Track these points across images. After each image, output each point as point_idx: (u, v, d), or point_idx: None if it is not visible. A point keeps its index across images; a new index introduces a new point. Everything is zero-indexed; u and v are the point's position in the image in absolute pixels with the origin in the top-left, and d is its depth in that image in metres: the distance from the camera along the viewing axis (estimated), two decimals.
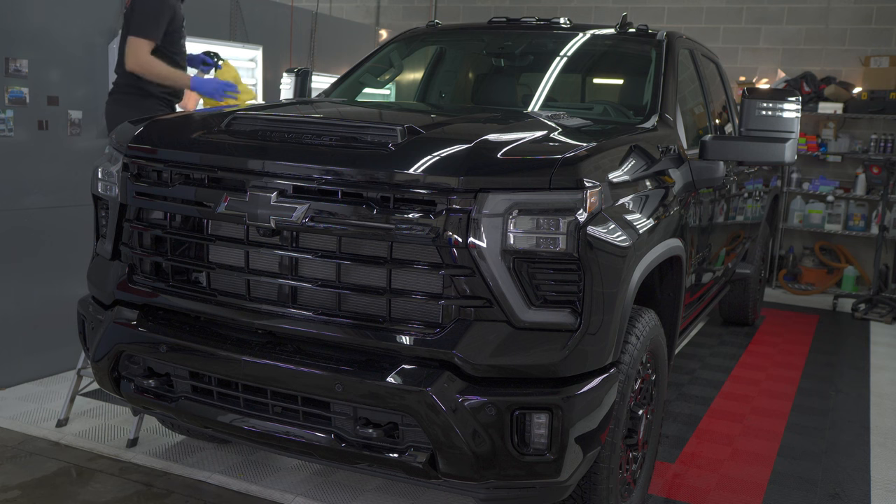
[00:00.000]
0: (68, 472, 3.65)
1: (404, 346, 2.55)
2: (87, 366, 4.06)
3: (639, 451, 3.22)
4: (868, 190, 8.26)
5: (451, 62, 5.17)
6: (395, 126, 2.73)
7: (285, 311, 2.71)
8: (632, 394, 2.97)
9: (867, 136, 8.33)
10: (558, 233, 2.48)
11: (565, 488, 2.72)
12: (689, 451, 4.23)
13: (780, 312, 7.72)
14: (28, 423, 4.10)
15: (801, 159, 8.48)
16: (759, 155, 3.57)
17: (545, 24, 4.59)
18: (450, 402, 2.45)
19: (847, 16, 8.42)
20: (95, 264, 3.19)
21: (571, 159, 2.60)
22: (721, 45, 8.71)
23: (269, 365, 2.66)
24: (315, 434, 2.64)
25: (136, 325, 2.92)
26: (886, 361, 6.16)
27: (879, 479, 4.03)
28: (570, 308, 2.52)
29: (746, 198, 5.36)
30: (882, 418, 4.88)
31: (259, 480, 3.64)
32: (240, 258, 2.78)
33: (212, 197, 2.74)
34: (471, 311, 2.50)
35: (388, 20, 10.16)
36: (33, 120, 4.53)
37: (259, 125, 2.93)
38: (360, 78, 4.66)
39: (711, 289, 4.86)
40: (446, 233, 2.47)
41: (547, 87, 4.29)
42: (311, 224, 2.58)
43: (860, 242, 8.49)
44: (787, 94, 3.55)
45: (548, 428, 2.49)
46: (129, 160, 2.99)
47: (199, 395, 2.86)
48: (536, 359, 2.52)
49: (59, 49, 4.64)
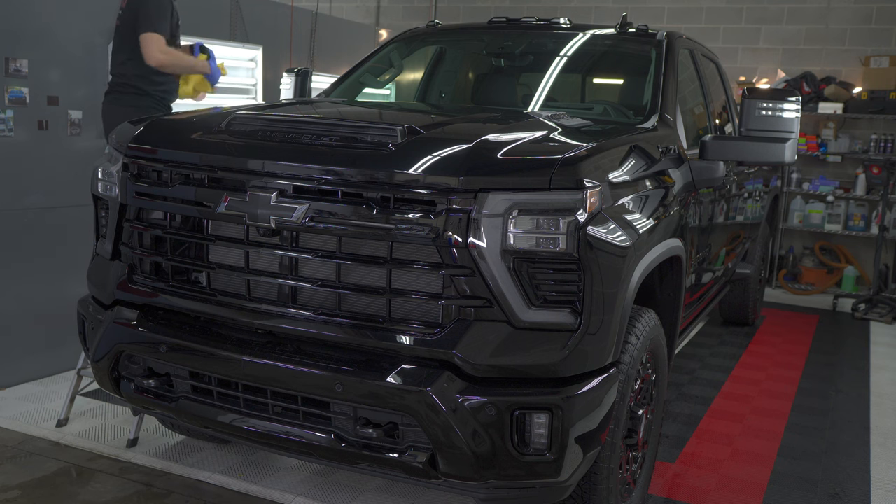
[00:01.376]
0: (68, 472, 3.65)
1: (404, 346, 2.55)
2: (87, 366, 4.06)
3: (639, 451, 3.22)
4: (868, 190, 8.26)
5: (451, 62, 5.17)
6: (395, 126, 2.73)
7: (285, 311, 2.71)
8: (632, 394, 2.97)
9: (867, 136, 8.34)
10: (558, 233, 2.48)
11: (565, 488, 2.72)
12: (689, 451, 4.23)
13: (780, 312, 7.72)
14: (28, 423, 4.10)
15: (801, 159, 8.48)
16: (759, 155, 3.57)
17: (545, 24, 4.59)
18: (450, 402, 2.45)
19: (847, 16, 8.42)
20: (95, 264, 3.19)
21: (571, 159, 2.60)
22: (721, 45, 8.71)
23: (269, 365, 2.66)
24: (315, 434, 2.64)
25: (136, 325, 2.92)
26: (886, 361, 6.16)
27: (879, 479, 4.03)
28: (570, 308, 2.52)
29: (746, 198, 5.36)
30: (882, 418, 4.88)
31: (259, 480, 3.64)
32: (240, 258, 2.78)
33: (212, 197, 2.74)
34: (471, 311, 2.50)
35: (388, 20, 10.16)
36: (33, 120, 4.52)
37: (259, 125, 2.93)
38: (360, 78, 4.66)
39: (711, 289, 4.86)
40: (446, 233, 2.47)
41: (547, 87, 4.29)
42: (311, 224, 2.58)
43: (860, 242, 8.49)
44: (787, 94, 3.55)
45: (548, 428, 2.49)
46: (129, 160, 2.99)
47: (199, 395, 2.86)
48: (536, 359, 2.52)
49: (59, 49, 4.63)
